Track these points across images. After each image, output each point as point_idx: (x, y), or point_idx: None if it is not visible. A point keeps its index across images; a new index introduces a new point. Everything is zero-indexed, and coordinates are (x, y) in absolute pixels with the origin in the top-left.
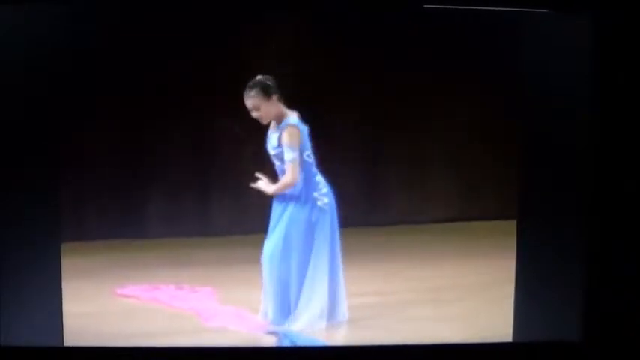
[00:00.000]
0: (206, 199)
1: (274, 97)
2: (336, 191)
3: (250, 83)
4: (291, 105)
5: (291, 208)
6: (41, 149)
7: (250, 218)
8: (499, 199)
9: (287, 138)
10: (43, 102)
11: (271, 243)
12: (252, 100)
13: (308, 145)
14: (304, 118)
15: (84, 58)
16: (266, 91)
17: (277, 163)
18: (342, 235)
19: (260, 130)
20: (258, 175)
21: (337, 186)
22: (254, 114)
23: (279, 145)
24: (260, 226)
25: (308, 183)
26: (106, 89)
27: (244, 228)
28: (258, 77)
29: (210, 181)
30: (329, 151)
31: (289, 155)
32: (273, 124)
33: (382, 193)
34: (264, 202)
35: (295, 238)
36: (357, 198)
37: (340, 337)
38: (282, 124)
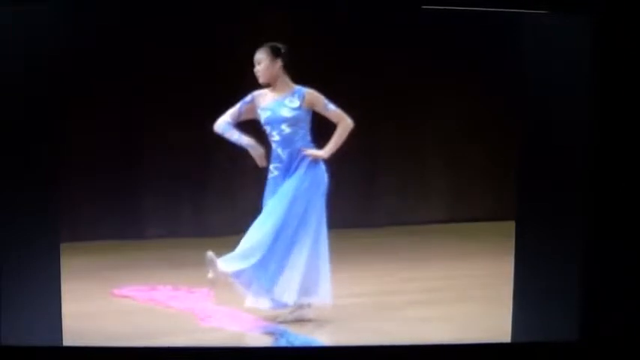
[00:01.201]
0: (203, 201)
1: (279, 61)
2: (333, 191)
3: (266, 44)
4: None
5: (311, 172)
6: (41, 149)
7: (247, 219)
8: (497, 199)
9: (316, 95)
10: (43, 102)
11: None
12: (258, 54)
13: None
14: None
15: (84, 58)
16: (274, 52)
17: (287, 131)
18: (338, 235)
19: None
20: (256, 153)
21: (334, 186)
22: (255, 68)
23: (300, 107)
24: None
25: None
26: (105, 90)
27: (241, 229)
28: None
29: (207, 183)
30: None
31: (331, 105)
32: (274, 93)
33: (379, 193)
34: (261, 203)
35: (319, 201)
36: (353, 198)
37: (337, 337)
38: (298, 90)
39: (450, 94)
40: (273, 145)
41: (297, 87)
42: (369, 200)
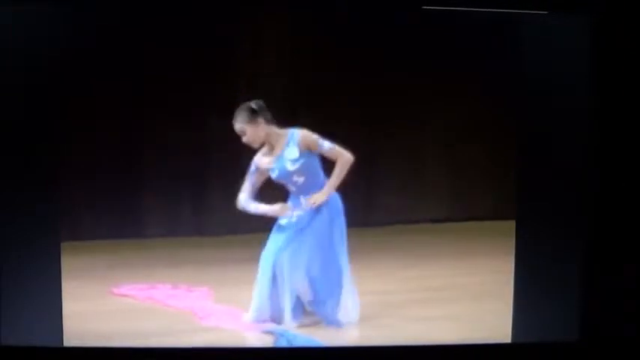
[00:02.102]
0: (202, 200)
1: (260, 120)
2: None
3: (237, 109)
4: (288, 104)
5: (330, 204)
6: (41, 149)
7: (246, 219)
8: (497, 199)
9: (309, 137)
10: (43, 102)
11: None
12: (238, 125)
13: None
14: (301, 118)
15: (84, 58)
16: (251, 115)
17: (301, 180)
18: None
19: None
20: (285, 212)
21: None
22: (243, 139)
23: (301, 154)
24: (256, 227)
25: None
26: (105, 90)
27: (241, 228)
28: (246, 103)
29: (206, 182)
30: None
31: (327, 143)
32: (271, 152)
33: (379, 193)
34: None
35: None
36: (353, 198)
37: (337, 337)
38: (291, 136)
39: (450, 94)
40: (293, 194)
41: (289, 132)
42: (369, 200)
